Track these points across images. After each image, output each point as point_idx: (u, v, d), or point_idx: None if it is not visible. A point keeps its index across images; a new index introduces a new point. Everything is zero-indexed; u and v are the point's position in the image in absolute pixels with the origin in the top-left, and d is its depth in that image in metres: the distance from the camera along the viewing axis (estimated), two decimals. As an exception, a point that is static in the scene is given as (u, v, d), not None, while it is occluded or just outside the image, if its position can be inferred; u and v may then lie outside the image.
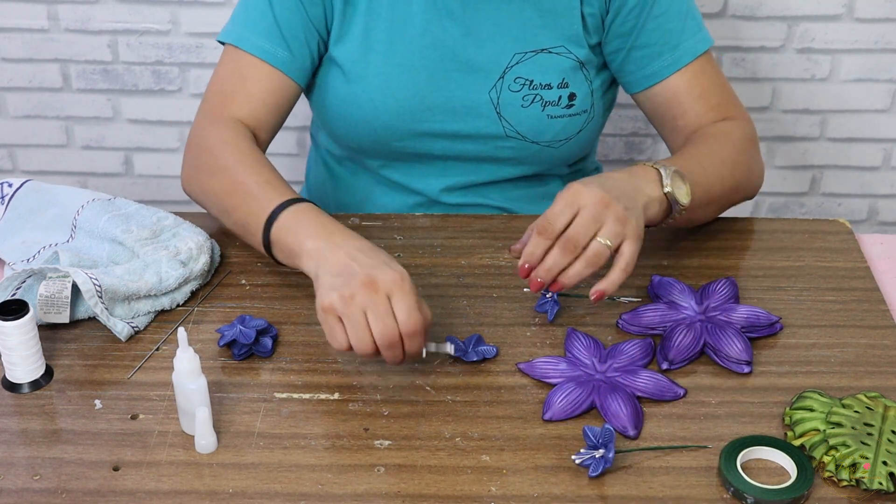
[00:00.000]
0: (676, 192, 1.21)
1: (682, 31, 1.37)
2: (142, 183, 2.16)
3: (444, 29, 1.36)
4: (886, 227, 2.18)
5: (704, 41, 1.39)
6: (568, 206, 1.12)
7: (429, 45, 1.37)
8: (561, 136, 1.41)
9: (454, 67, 1.38)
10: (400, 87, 1.38)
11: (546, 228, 1.11)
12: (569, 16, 1.37)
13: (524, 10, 1.36)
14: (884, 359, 1.18)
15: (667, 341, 1.18)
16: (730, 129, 1.36)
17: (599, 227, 1.12)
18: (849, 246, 1.35)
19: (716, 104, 1.38)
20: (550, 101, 1.38)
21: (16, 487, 1.03)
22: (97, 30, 1.99)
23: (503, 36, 1.37)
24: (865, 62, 1.98)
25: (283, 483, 1.03)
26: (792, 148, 2.09)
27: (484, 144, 1.41)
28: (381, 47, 1.37)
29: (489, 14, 1.36)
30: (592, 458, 1.02)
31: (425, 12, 1.36)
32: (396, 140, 1.41)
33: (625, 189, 1.16)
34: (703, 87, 1.38)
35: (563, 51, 1.37)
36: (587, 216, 1.11)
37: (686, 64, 1.38)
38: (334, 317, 1.08)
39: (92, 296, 1.16)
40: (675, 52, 1.37)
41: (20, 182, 1.38)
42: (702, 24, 1.41)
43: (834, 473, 1.03)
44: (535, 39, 1.37)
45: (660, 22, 1.36)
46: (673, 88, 1.39)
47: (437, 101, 1.39)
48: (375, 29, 1.37)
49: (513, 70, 1.37)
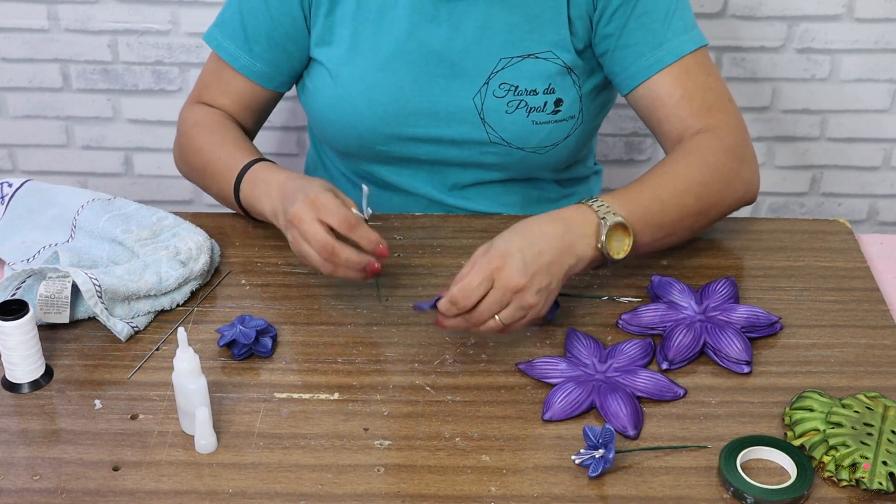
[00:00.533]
0: (611, 248, 1.19)
1: (667, 30, 1.34)
2: (142, 183, 2.16)
3: (430, 33, 1.36)
4: (886, 227, 2.18)
5: (691, 42, 1.35)
6: (485, 282, 1.12)
7: (414, 50, 1.36)
8: (546, 142, 1.40)
9: (439, 72, 1.37)
10: (384, 92, 1.38)
11: (458, 301, 1.12)
12: (556, 20, 1.35)
13: (511, 14, 1.35)
14: (884, 359, 1.18)
15: (667, 341, 1.18)
16: (705, 142, 1.31)
17: (503, 308, 1.13)
18: (849, 246, 1.35)
19: (699, 108, 1.34)
20: (535, 106, 1.37)
21: (16, 487, 1.03)
22: (97, 30, 1.99)
23: (489, 41, 1.36)
24: (865, 62, 1.98)
25: (283, 483, 1.03)
26: (792, 148, 2.09)
27: (468, 150, 1.41)
28: (366, 51, 1.37)
29: (475, 19, 1.35)
30: (592, 458, 1.02)
31: (411, 16, 1.35)
32: (381, 144, 1.41)
33: (552, 255, 1.15)
34: (686, 89, 1.34)
35: (549, 55, 1.36)
36: (494, 299, 1.13)
37: (669, 64, 1.34)
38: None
39: (92, 296, 1.16)
40: (657, 51, 1.34)
41: (20, 182, 1.38)
42: (691, 24, 1.36)
43: (834, 473, 1.03)
44: (522, 44, 1.36)
45: (643, 21, 1.34)
46: (656, 91, 1.35)
47: (420, 106, 1.38)
48: (362, 32, 1.37)
49: (498, 75, 1.36)
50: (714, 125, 1.33)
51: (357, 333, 1.21)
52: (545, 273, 1.14)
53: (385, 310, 1.25)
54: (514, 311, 1.13)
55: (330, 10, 1.38)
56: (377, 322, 1.23)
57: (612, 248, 1.19)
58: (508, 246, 1.13)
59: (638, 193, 1.24)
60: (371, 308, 1.25)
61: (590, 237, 1.18)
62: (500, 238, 1.15)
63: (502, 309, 1.13)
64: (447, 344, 1.20)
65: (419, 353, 1.18)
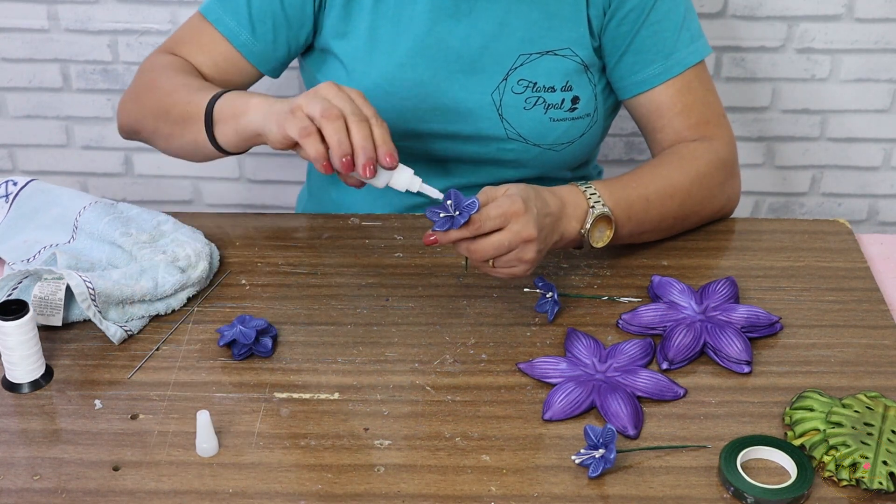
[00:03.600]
0: (592, 237, 1.24)
1: (677, 40, 1.37)
2: (142, 183, 2.16)
3: (449, 28, 1.36)
4: (886, 227, 2.18)
5: (697, 52, 1.38)
6: (501, 219, 1.13)
7: (433, 45, 1.37)
8: (563, 139, 1.41)
9: (457, 68, 1.38)
10: (402, 87, 1.38)
11: (475, 223, 1.12)
12: (575, 17, 1.37)
13: (531, 11, 1.36)
14: (884, 359, 1.18)
15: (667, 341, 1.18)
16: (701, 152, 1.36)
17: (505, 254, 1.14)
18: (849, 246, 1.35)
19: (695, 122, 1.38)
20: (553, 103, 1.38)
21: (16, 487, 1.03)
22: (97, 30, 1.99)
23: (508, 37, 1.37)
24: (865, 62, 1.98)
25: (283, 483, 1.03)
26: (792, 148, 2.09)
27: (485, 146, 1.41)
28: (385, 46, 1.37)
29: (495, 15, 1.36)
30: (592, 459, 1.02)
31: (431, 12, 1.36)
32: (397, 140, 1.41)
33: (551, 228, 1.19)
34: (687, 103, 1.38)
35: (568, 53, 1.37)
36: (504, 239, 1.13)
37: (675, 75, 1.37)
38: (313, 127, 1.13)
39: (85, 298, 1.16)
40: (666, 61, 1.37)
41: (25, 181, 1.38)
42: (698, 34, 1.40)
43: (834, 473, 1.03)
44: (541, 41, 1.37)
45: (655, 29, 1.36)
46: (657, 101, 1.39)
47: (439, 102, 1.39)
48: (381, 28, 1.37)
49: (516, 72, 1.37)
50: (709, 138, 1.38)
51: (357, 333, 1.21)
52: (543, 240, 1.17)
53: (385, 310, 1.25)
54: (509, 258, 1.15)
55: (347, 1, 1.37)
56: (377, 322, 1.23)
57: (594, 236, 1.24)
58: (528, 197, 1.16)
59: (627, 188, 1.29)
60: (371, 308, 1.25)
61: (576, 221, 1.23)
62: (517, 187, 1.17)
63: (505, 253, 1.14)
64: (447, 344, 1.20)
65: (419, 353, 1.18)
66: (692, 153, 1.35)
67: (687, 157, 1.35)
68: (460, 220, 1.11)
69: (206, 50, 1.40)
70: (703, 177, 1.34)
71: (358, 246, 1.35)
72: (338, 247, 1.35)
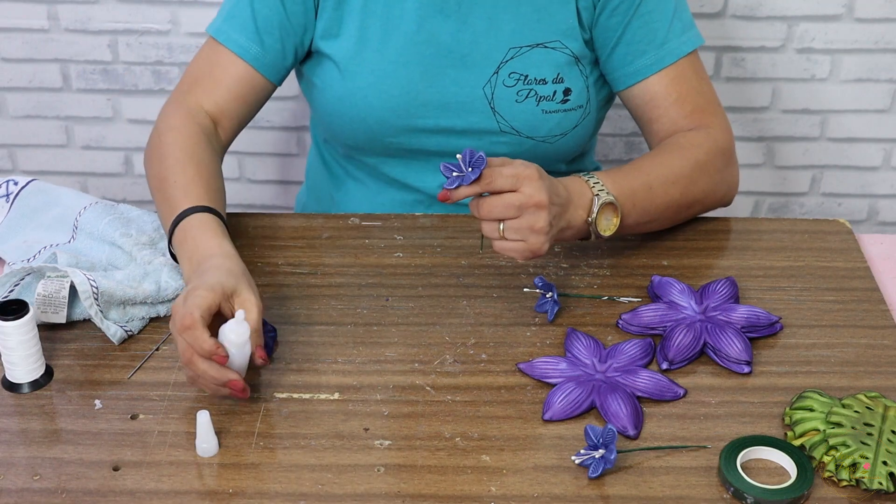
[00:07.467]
0: (599, 225, 1.24)
1: (668, 31, 1.37)
2: (142, 183, 2.16)
3: (439, 24, 1.37)
4: (886, 227, 2.18)
5: (689, 42, 1.38)
6: (514, 180, 1.14)
7: (423, 41, 1.37)
8: (556, 131, 1.41)
9: (448, 63, 1.38)
10: (394, 83, 1.38)
11: (486, 177, 1.13)
12: (564, 10, 1.37)
13: (520, 5, 1.36)
14: (884, 359, 1.18)
15: (667, 341, 1.18)
16: (699, 140, 1.36)
17: (516, 217, 1.14)
18: (849, 246, 1.35)
19: (691, 111, 1.38)
20: (545, 95, 1.38)
21: (16, 487, 1.03)
22: (97, 30, 1.99)
23: (498, 31, 1.37)
24: (865, 62, 1.98)
25: (283, 483, 1.03)
26: (792, 148, 2.09)
27: (478, 140, 1.42)
28: (375, 44, 1.38)
29: (484, 9, 1.37)
30: (592, 459, 1.02)
31: (420, 8, 1.36)
32: (391, 136, 1.42)
33: (559, 214, 1.19)
34: (682, 91, 1.38)
35: (558, 45, 1.37)
36: (512, 201, 1.14)
37: (668, 65, 1.37)
38: None
39: (88, 297, 1.16)
40: (658, 51, 1.37)
41: (26, 181, 1.38)
42: (689, 24, 1.40)
43: (834, 473, 1.03)
44: (531, 34, 1.37)
45: (646, 20, 1.36)
46: (652, 91, 1.39)
47: (430, 97, 1.39)
48: (371, 26, 1.38)
49: (507, 65, 1.37)
50: (705, 126, 1.38)
51: (357, 333, 1.21)
52: (555, 218, 1.17)
53: (385, 310, 1.25)
54: (520, 225, 1.15)
55: (338, 3, 1.38)
56: (377, 322, 1.23)
57: (601, 224, 1.24)
58: (541, 169, 1.17)
59: (630, 177, 1.29)
60: (371, 308, 1.25)
61: (583, 210, 1.23)
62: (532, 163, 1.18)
63: (513, 217, 1.14)
64: (447, 344, 1.20)
65: (419, 353, 1.18)
66: (691, 142, 1.36)
67: (686, 146, 1.35)
68: (471, 175, 1.12)
69: (220, 82, 1.38)
70: (703, 164, 1.34)
71: (358, 246, 1.35)
72: (338, 247, 1.35)
